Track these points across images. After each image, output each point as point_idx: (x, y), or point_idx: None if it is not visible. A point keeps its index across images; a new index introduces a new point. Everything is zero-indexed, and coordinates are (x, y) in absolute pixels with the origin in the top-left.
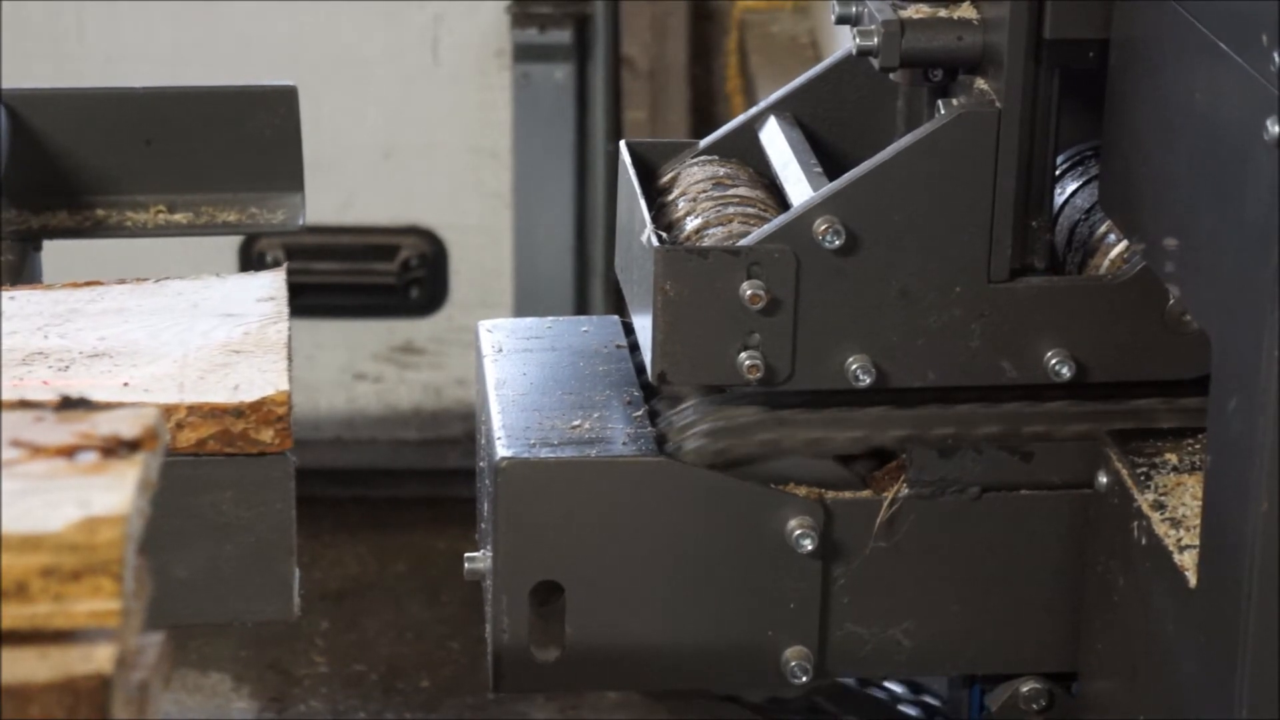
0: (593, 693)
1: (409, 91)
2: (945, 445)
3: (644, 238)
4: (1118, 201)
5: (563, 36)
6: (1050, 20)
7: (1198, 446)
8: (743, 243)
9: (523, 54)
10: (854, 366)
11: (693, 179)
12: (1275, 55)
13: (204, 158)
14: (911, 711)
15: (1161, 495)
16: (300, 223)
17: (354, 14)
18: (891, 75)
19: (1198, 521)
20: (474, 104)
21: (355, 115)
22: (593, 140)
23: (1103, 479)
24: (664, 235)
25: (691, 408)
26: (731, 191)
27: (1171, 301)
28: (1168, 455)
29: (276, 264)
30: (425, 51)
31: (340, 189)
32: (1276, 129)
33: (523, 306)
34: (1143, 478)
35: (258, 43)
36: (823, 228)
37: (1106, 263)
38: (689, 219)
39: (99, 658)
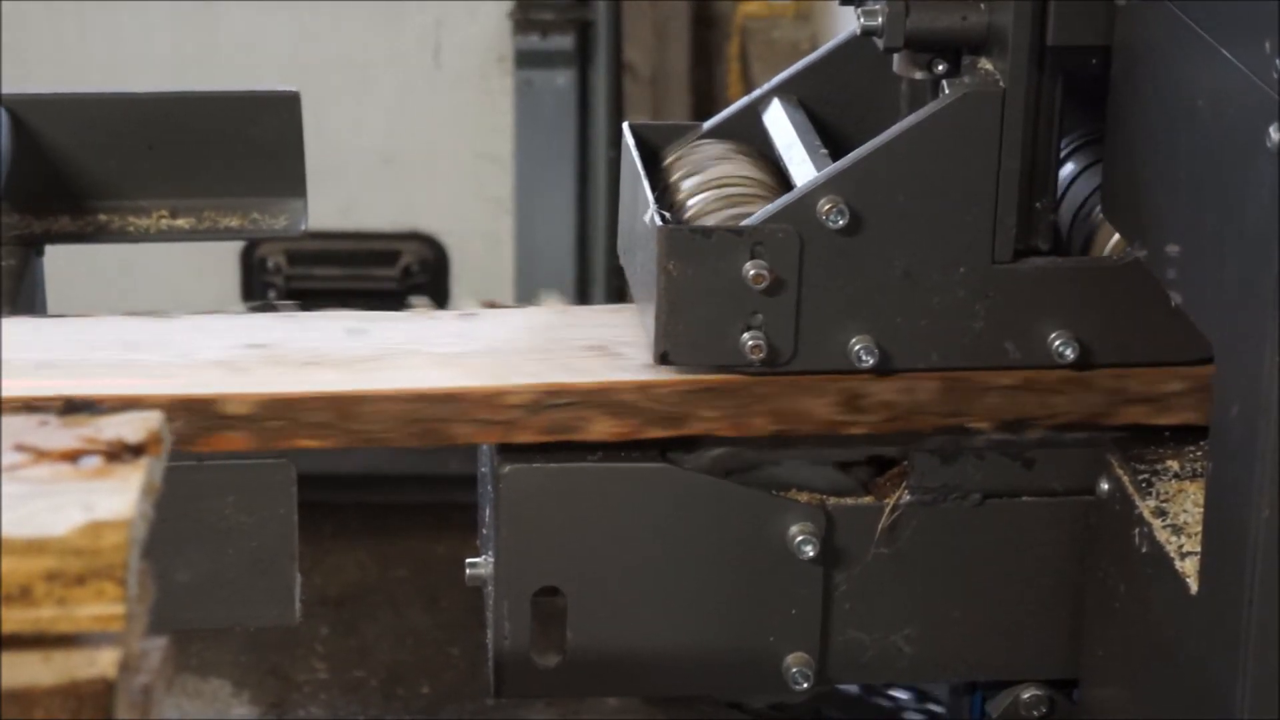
0: (593, 698)
1: (411, 97)
2: (947, 452)
3: (647, 217)
4: (1120, 207)
5: (564, 42)
6: (1053, 27)
7: (1199, 453)
8: (746, 222)
9: (524, 60)
10: (857, 347)
11: (696, 160)
12: (1277, 61)
13: (206, 163)
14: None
15: (1163, 502)
16: (302, 228)
17: (356, 19)
18: (895, 68)
19: (1199, 528)
20: (475, 109)
21: (357, 120)
22: (594, 146)
23: (1104, 486)
24: (667, 215)
25: None
26: (735, 172)
27: None
28: (1169, 462)
29: (278, 270)
30: (427, 57)
31: (342, 194)
32: (1278, 135)
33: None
34: (1144, 484)
35: (260, 48)
36: (826, 208)
37: (1111, 244)
38: (692, 200)
39: (103, 662)
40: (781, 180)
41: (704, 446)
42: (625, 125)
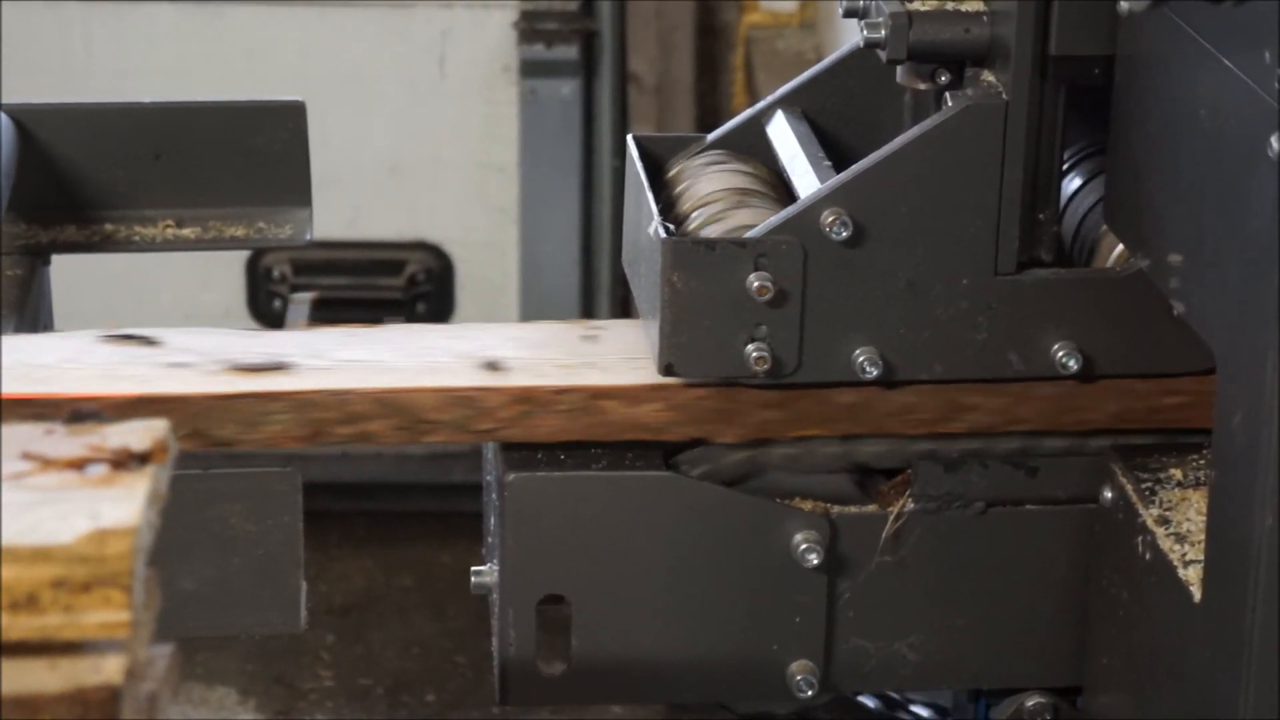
0: (598, 706)
1: (416, 107)
2: (950, 460)
3: (651, 230)
4: (1123, 216)
5: (569, 52)
6: (1056, 37)
7: (1202, 461)
8: (750, 234)
9: (529, 69)
10: (861, 359)
11: (700, 172)
12: (1279, 71)
13: (212, 172)
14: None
15: (1166, 510)
16: (308, 237)
17: (362, 29)
18: (898, 79)
19: (1202, 536)
20: (481, 119)
21: (362, 130)
22: (599, 155)
23: (1107, 494)
24: (671, 227)
25: None
26: (739, 184)
27: None
28: (1172, 470)
29: (284, 279)
30: (432, 67)
31: (347, 204)
32: (1279, 145)
33: (529, 321)
34: (1147, 493)
35: (265, 57)
36: (830, 219)
37: (1114, 255)
38: (696, 211)
39: (109, 669)
40: (785, 192)
41: (708, 454)
42: (629, 137)
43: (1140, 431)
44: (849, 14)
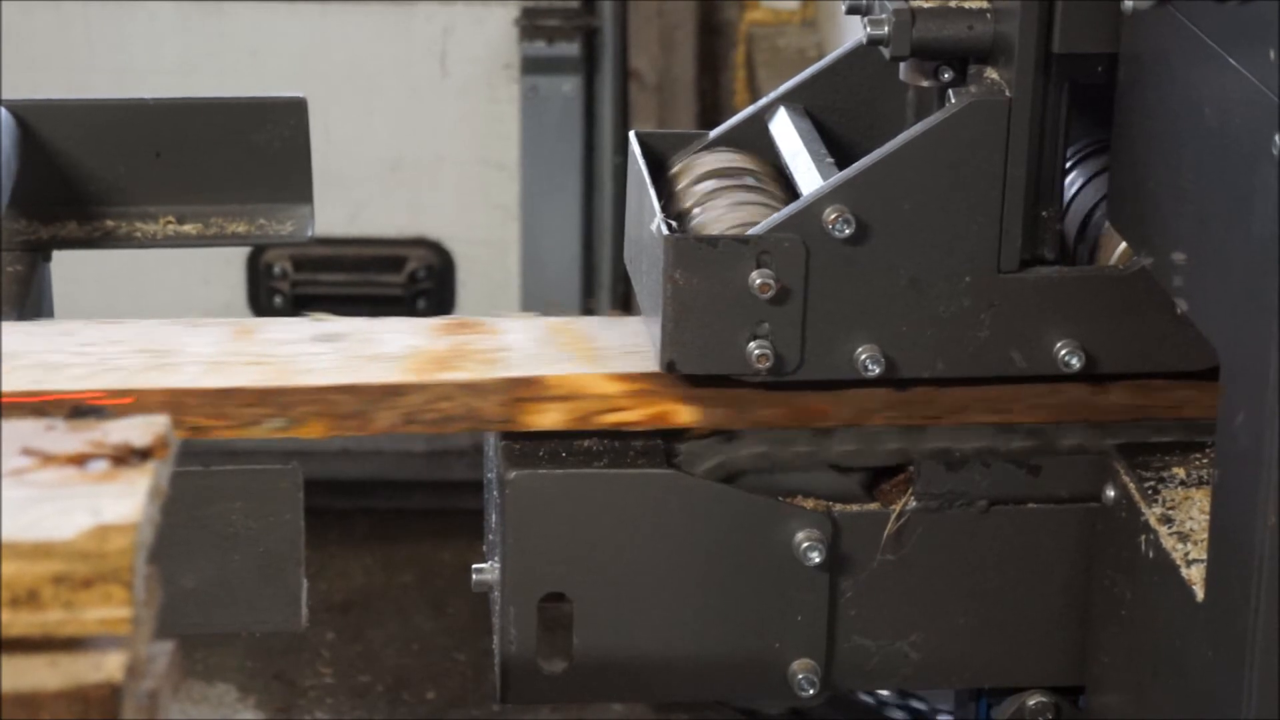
0: (599, 704)
1: (417, 104)
2: (952, 458)
3: (653, 227)
4: (1126, 215)
5: (570, 49)
6: (1059, 35)
7: (1205, 460)
8: (752, 231)
9: (531, 66)
10: (863, 356)
11: (702, 169)
12: None
13: (213, 169)
14: (899, 715)
15: (1169, 509)
16: (309, 234)
17: (363, 26)
18: (901, 76)
19: (1205, 535)
20: (482, 116)
21: (364, 127)
22: (600, 153)
23: (1110, 493)
24: (673, 224)
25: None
26: (741, 181)
27: None
28: (1175, 469)
29: (285, 276)
30: (434, 64)
31: (348, 201)
32: None
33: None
34: (1150, 491)
35: (267, 55)
36: (832, 217)
37: (1117, 253)
38: (698, 208)
39: (109, 666)
40: (788, 189)
41: (716, 448)
42: (631, 134)
43: (1143, 429)
44: (852, 11)
